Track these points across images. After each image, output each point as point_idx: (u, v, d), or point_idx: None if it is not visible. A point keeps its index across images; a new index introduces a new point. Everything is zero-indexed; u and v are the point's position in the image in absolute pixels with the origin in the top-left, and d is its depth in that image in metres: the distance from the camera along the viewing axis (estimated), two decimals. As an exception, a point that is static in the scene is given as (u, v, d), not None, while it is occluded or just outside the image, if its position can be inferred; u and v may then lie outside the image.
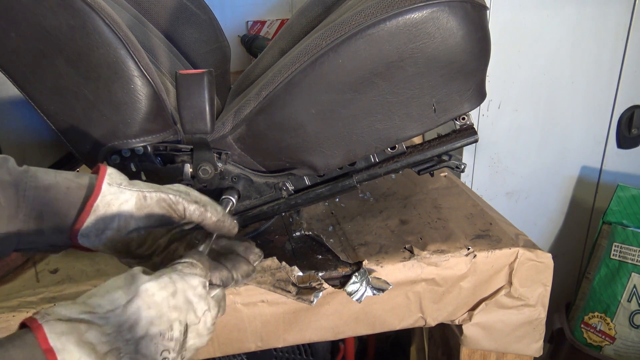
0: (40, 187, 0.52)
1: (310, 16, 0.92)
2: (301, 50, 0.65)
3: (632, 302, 1.27)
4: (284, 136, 0.70)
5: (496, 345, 0.81)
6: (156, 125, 0.69)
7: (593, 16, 1.28)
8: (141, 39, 0.82)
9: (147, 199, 0.55)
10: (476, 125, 1.33)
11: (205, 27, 1.00)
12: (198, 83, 0.62)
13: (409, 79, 0.65)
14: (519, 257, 0.76)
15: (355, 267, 0.74)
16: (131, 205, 0.54)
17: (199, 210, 0.57)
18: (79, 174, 0.55)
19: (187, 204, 0.56)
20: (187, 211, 0.56)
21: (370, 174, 0.75)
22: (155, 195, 0.55)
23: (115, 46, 0.63)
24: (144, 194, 0.55)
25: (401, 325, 0.78)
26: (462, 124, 0.74)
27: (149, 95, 0.67)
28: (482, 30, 0.65)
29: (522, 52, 1.29)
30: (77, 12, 0.61)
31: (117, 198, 0.54)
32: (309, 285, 0.73)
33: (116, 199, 0.54)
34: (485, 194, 1.41)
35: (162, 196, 0.55)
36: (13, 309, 0.69)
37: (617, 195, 1.34)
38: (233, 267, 0.59)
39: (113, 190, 0.54)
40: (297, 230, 0.83)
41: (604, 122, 1.40)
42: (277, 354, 1.15)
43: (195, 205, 0.57)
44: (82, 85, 0.65)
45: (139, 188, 0.55)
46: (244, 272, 0.60)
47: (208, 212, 0.57)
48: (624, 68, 1.34)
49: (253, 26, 2.01)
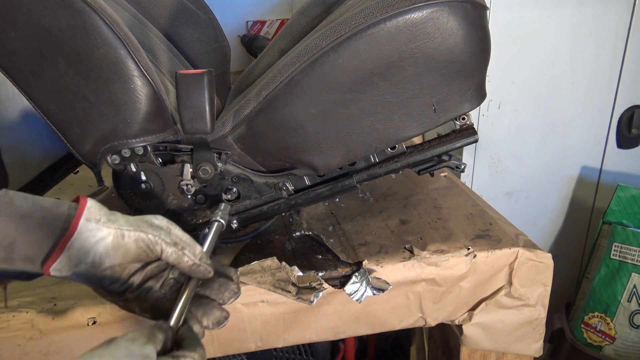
0: (15, 215, 0.51)
1: (310, 16, 0.92)
2: (301, 50, 0.65)
3: (632, 302, 1.27)
4: (284, 136, 0.70)
5: (496, 345, 0.81)
6: (156, 125, 0.69)
7: (593, 16, 1.28)
8: (141, 39, 0.82)
9: (125, 238, 0.54)
10: (476, 125, 1.32)
11: (205, 27, 1.00)
12: (198, 83, 0.62)
13: (409, 79, 0.65)
14: (519, 257, 0.76)
15: (355, 267, 0.74)
16: (107, 243, 0.53)
17: (176, 253, 0.56)
18: (57, 202, 0.54)
19: (164, 246, 0.55)
20: (164, 253, 0.56)
21: (370, 174, 0.75)
22: (133, 234, 0.54)
23: (115, 46, 0.63)
24: (122, 232, 0.54)
25: (401, 325, 0.78)
26: (462, 124, 0.74)
27: (149, 95, 0.67)
28: (482, 30, 0.65)
29: (522, 52, 1.29)
30: (77, 12, 0.61)
31: (94, 235, 0.53)
32: (309, 285, 0.73)
33: (93, 236, 0.52)
34: (485, 194, 1.41)
35: (141, 236, 0.55)
36: (13, 309, 0.69)
37: (617, 195, 1.34)
38: (204, 314, 0.58)
39: (90, 227, 0.52)
40: (297, 230, 0.83)
41: (604, 122, 1.40)
42: (277, 354, 1.15)
43: (174, 248, 0.56)
44: (82, 85, 0.65)
45: (117, 225, 0.54)
46: (215, 319, 0.59)
47: (185, 256, 0.56)
48: (624, 68, 1.34)
49: (253, 26, 2.01)
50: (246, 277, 0.72)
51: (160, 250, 0.55)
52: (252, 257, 0.75)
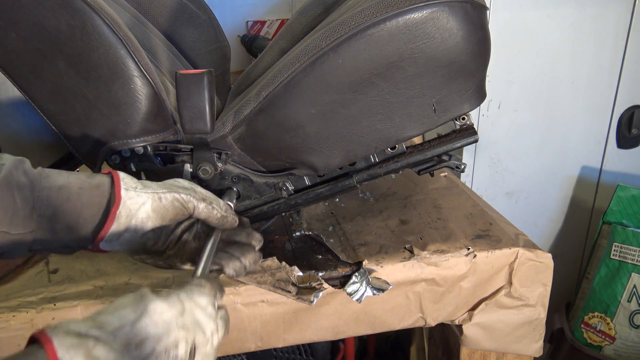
0: (54, 187, 0.53)
1: (310, 16, 0.92)
2: (301, 50, 0.65)
3: (632, 302, 1.27)
4: (284, 136, 0.70)
5: (496, 345, 0.81)
6: (156, 125, 0.69)
7: (593, 16, 1.28)
8: (141, 39, 0.82)
9: (162, 200, 0.57)
10: (476, 125, 1.32)
11: (205, 27, 1.00)
12: (198, 83, 0.62)
13: (409, 79, 0.65)
14: (519, 257, 0.76)
15: (355, 267, 0.74)
16: (148, 208, 0.56)
17: (207, 208, 0.60)
18: (90, 175, 0.57)
19: (196, 203, 0.59)
20: (197, 209, 0.59)
21: (370, 174, 0.75)
22: (169, 196, 0.58)
23: (115, 46, 0.63)
24: (158, 196, 0.57)
25: (401, 325, 0.78)
26: (462, 124, 0.74)
27: (149, 95, 0.67)
28: (482, 31, 0.65)
29: (522, 52, 1.29)
30: (77, 12, 0.61)
31: (136, 202, 0.55)
32: (309, 285, 0.73)
33: (135, 203, 0.55)
34: (485, 194, 1.41)
35: (176, 196, 0.58)
36: (13, 309, 0.69)
37: (617, 195, 1.34)
38: (242, 255, 0.64)
39: (131, 195, 0.55)
40: (297, 230, 0.83)
41: (604, 122, 1.40)
42: (277, 354, 1.15)
43: (204, 203, 0.60)
44: (82, 85, 0.65)
45: (152, 190, 0.57)
46: (252, 259, 0.64)
47: (214, 210, 0.60)
48: (624, 68, 1.34)
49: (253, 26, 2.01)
50: (246, 277, 0.72)
51: (193, 207, 0.59)
52: (252, 257, 0.75)
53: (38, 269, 0.79)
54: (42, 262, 0.81)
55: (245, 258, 0.64)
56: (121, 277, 0.75)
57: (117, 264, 0.79)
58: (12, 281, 0.76)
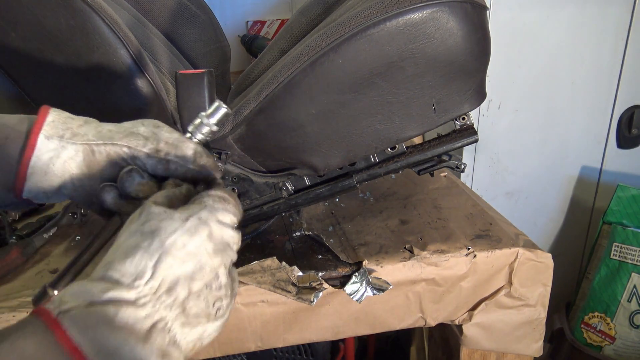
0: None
1: (310, 16, 0.92)
2: (301, 50, 0.65)
3: (632, 302, 1.27)
4: (284, 136, 0.70)
5: (496, 345, 0.81)
6: (156, 125, 0.69)
7: (593, 16, 1.28)
8: (141, 39, 0.82)
9: (96, 154, 0.46)
10: (476, 125, 1.32)
11: (205, 27, 1.01)
12: (198, 83, 0.62)
13: (409, 79, 0.65)
14: (519, 257, 0.76)
15: (355, 267, 0.74)
16: (79, 162, 0.45)
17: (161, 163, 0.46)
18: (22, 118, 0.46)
19: (144, 158, 0.46)
20: (148, 167, 0.47)
21: (370, 174, 0.75)
22: (104, 149, 0.46)
23: (115, 46, 0.63)
24: (90, 148, 0.46)
25: (401, 325, 0.78)
26: (462, 124, 0.74)
27: (149, 95, 0.67)
28: (482, 31, 0.65)
29: (522, 52, 1.29)
30: (77, 12, 0.61)
31: (58, 155, 0.45)
32: (309, 285, 0.73)
33: (57, 156, 0.45)
34: (485, 194, 1.41)
35: (114, 150, 0.46)
36: (13, 309, 0.69)
37: (617, 195, 1.34)
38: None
39: (52, 146, 0.45)
40: (297, 230, 0.83)
41: (604, 122, 1.40)
42: (277, 354, 1.15)
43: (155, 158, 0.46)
44: (82, 85, 0.65)
45: (85, 139, 0.46)
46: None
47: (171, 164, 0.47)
48: (624, 68, 1.34)
49: (253, 26, 2.01)
50: (246, 277, 0.72)
51: (143, 164, 0.47)
52: (252, 257, 0.75)
53: (38, 269, 0.79)
54: (42, 262, 0.81)
55: None
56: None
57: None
58: (12, 281, 0.76)
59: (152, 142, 0.46)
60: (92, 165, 0.46)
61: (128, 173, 0.45)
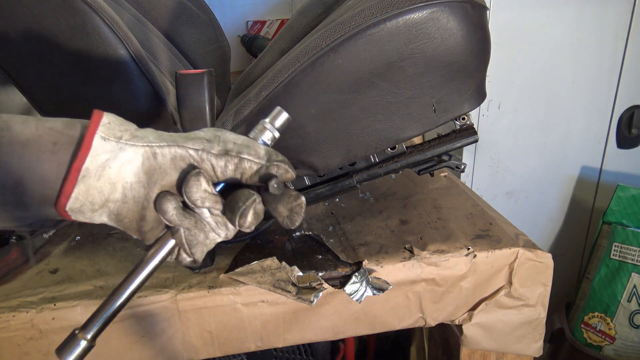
0: (16, 143, 0.39)
1: (310, 16, 0.92)
2: (301, 50, 0.65)
3: (632, 302, 1.27)
4: (283, 136, 0.70)
5: (496, 345, 0.81)
6: (156, 125, 0.69)
7: (593, 16, 1.28)
8: (141, 39, 0.82)
9: (158, 157, 0.41)
10: (476, 125, 1.32)
11: (205, 27, 1.01)
12: (198, 83, 0.62)
13: (409, 79, 0.65)
14: (519, 257, 0.76)
15: (355, 267, 0.74)
16: (137, 167, 0.40)
17: (233, 162, 0.42)
18: (70, 122, 0.41)
19: (213, 160, 0.42)
20: (218, 169, 0.42)
21: (370, 174, 0.75)
22: (168, 151, 0.41)
23: (115, 46, 0.63)
24: (152, 150, 0.41)
25: (401, 325, 0.78)
26: (462, 124, 0.74)
27: (149, 95, 0.67)
28: (482, 31, 0.65)
29: (522, 52, 1.29)
30: (77, 12, 0.61)
31: (116, 157, 0.40)
32: (309, 285, 0.73)
33: (114, 158, 0.40)
34: (485, 194, 1.41)
35: (179, 152, 0.41)
36: (13, 309, 0.69)
37: (617, 195, 1.34)
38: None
39: (109, 147, 0.40)
40: (297, 230, 0.83)
41: (604, 122, 1.40)
42: (277, 354, 1.14)
43: (226, 158, 0.42)
44: (82, 85, 0.65)
45: (146, 142, 0.41)
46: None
47: (245, 162, 0.42)
48: (624, 68, 1.34)
49: (253, 26, 2.01)
50: (246, 277, 0.72)
51: (211, 168, 0.42)
52: (252, 257, 0.75)
53: (38, 269, 0.79)
54: (42, 262, 0.81)
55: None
56: (121, 277, 0.75)
57: (117, 264, 0.79)
58: (12, 281, 0.76)
59: (218, 144, 0.43)
60: (151, 171, 0.41)
61: (196, 176, 0.40)
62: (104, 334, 0.42)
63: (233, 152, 0.42)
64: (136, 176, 0.41)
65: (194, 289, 0.72)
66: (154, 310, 0.71)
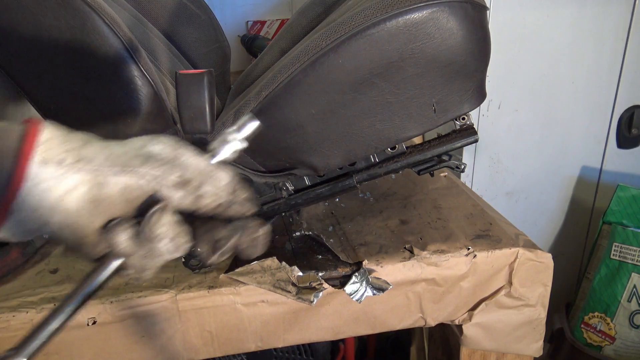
0: None
1: (310, 16, 0.92)
2: (301, 50, 0.65)
3: (632, 302, 1.27)
4: (284, 136, 0.70)
5: (496, 345, 0.81)
6: (156, 125, 0.69)
7: (593, 16, 1.28)
8: (141, 39, 0.82)
9: (105, 188, 0.36)
10: (476, 125, 1.33)
11: (205, 27, 1.00)
12: (198, 83, 0.62)
13: (409, 79, 0.65)
14: (519, 257, 0.76)
15: (355, 267, 0.74)
16: (80, 196, 0.35)
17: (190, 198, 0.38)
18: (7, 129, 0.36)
19: (168, 192, 0.37)
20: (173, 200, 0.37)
21: (370, 174, 0.75)
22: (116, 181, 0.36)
23: (115, 46, 0.63)
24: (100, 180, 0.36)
25: (401, 325, 0.78)
26: (462, 124, 0.74)
27: (149, 95, 0.67)
28: (482, 31, 0.65)
29: (522, 52, 1.29)
30: (77, 12, 0.61)
31: (55, 187, 0.35)
32: (309, 285, 0.73)
33: (53, 188, 0.35)
34: (485, 194, 1.41)
35: (129, 183, 0.36)
36: (13, 309, 0.69)
37: (617, 195, 1.34)
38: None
39: (48, 174, 0.34)
40: (297, 230, 0.83)
41: (604, 122, 1.40)
42: (277, 354, 1.14)
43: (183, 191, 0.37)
44: (82, 85, 0.65)
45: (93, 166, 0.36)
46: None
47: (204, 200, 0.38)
48: (624, 68, 1.34)
49: (253, 26, 2.01)
50: (246, 277, 0.72)
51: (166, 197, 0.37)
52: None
53: (38, 269, 0.79)
54: (42, 262, 0.81)
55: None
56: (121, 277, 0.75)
57: (117, 264, 0.79)
58: (12, 281, 0.76)
59: (178, 169, 0.37)
60: (97, 202, 0.36)
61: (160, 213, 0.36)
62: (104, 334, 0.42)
63: (193, 184, 0.38)
64: (79, 204, 0.36)
65: (194, 289, 0.72)
66: (154, 310, 0.71)
